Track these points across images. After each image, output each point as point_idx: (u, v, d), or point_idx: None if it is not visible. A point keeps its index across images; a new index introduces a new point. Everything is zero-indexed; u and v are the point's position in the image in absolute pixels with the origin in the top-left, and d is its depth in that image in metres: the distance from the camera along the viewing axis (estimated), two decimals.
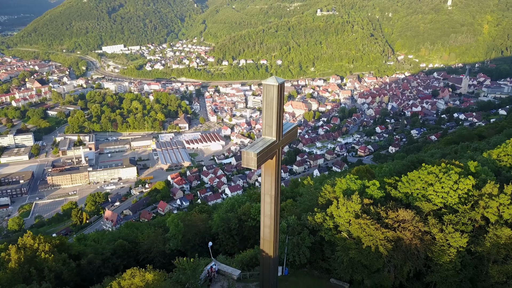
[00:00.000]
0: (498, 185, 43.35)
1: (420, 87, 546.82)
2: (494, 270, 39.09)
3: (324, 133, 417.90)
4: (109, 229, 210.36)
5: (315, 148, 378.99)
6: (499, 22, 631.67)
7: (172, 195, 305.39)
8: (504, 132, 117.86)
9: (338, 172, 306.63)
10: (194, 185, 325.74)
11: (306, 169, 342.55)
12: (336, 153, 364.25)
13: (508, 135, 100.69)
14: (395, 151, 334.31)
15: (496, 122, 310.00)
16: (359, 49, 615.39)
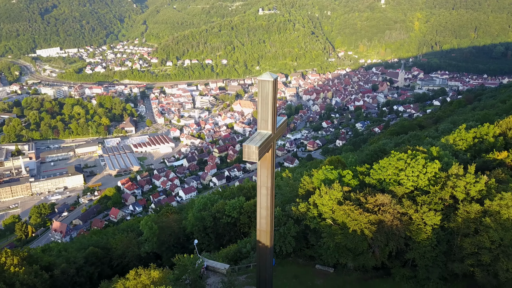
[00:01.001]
0: (462, 166, 47.82)
1: (361, 82, 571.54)
2: (466, 243, 43.22)
3: None
4: (58, 241, 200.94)
5: None
6: (427, 19, 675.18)
7: (124, 201, 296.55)
8: (450, 119, 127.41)
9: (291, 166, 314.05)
10: (146, 189, 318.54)
11: None
12: (287, 149, 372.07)
13: (453, 122, 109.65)
14: (342, 144, 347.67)
15: (432, 113, 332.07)
16: (302, 47, 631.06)
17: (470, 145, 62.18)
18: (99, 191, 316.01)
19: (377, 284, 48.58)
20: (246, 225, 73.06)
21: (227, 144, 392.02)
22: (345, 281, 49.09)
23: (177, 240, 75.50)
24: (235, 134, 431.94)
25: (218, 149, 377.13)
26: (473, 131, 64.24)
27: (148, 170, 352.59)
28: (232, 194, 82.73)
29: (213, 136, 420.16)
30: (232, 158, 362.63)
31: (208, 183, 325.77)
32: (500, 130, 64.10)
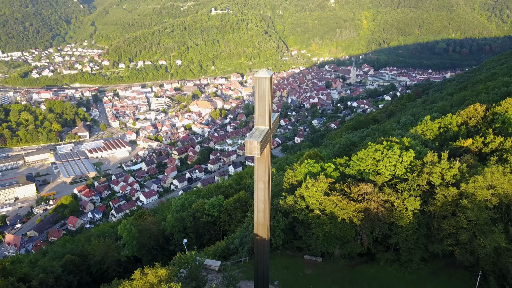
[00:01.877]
0: (436, 154, 51.29)
1: (315, 79, 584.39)
2: (445, 224, 46.53)
3: (233, 130, 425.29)
4: (13, 254, 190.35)
5: (226, 145, 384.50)
6: (375, 17, 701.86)
7: (82, 208, 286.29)
8: (410, 112, 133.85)
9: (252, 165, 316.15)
10: (104, 195, 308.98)
11: (221, 166, 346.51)
12: None
13: (413, 114, 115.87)
14: (301, 141, 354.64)
15: (385, 107, 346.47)
16: (256, 46, 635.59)
17: (437, 134, 66.47)
18: (54, 200, 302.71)
19: (363, 270, 51.05)
20: (226, 223, 73.78)
21: (186, 145, 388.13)
22: (334, 269, 51.18)
23: (157, 242, 74.82)
24: (193, 135, 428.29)
25: (177, 151, 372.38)
26: (437, 122, 68.68)
27: (105, 176, 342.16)
28: (209, 193, 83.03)
29: (171, 138, 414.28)
30: (192, 160, 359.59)
31: (169, 186, 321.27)
32: (461, 119, 68.96)
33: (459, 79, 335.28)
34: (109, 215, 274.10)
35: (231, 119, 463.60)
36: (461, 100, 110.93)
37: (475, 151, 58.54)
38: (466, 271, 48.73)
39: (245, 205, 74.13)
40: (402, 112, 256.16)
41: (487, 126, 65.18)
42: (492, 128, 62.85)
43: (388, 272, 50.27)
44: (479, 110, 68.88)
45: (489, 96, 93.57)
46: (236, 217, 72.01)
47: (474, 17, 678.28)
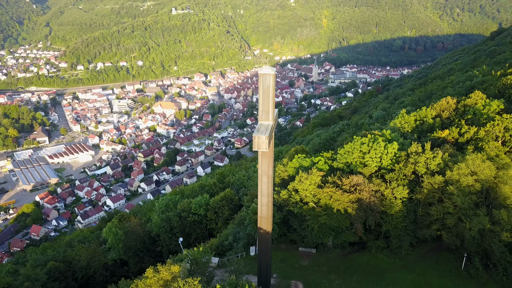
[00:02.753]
0: (420, 144, 54.11)
1: (278, 78, 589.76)
2: (433, 210, 49.31)
3: (199, 130, 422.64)
4: None
5: (193, 145, 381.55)
6: (334, 16, 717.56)
7: (45, 216, 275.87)
8: (380, 107, 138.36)
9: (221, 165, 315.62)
10: (68, 202, 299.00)
11: (189, 167, 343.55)
12: (215, 148, 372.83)
13: (384, 109, 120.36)
14: None
15: (348, 104, 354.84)
16: (218, 46, 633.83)
17: (413, 127, 69.79)
18: (15, 209, 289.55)
19: (356, 258, 53.14)
20: (213, 221, 74.15)
21: (152, 147, 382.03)
22: (328, 259, 52.95)
23: (143, 244, 74.07)
24: (158, 136, 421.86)
25: (143, 153, 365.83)
26: (413, 115, 72.09)
27: (68, 181, 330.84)
28: (194, 192, 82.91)
29: (136, 141, 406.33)
30: (159, 162, 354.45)
31: (137, 189, 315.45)
32: (435, 112, 72.74)
33: (417, 75, 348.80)
34: (75, 221, 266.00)
35: (196, 120, 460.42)
36: (428, 94, 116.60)
37: (452, 141, 62.10)
38: (451, 254, 51.84)
39: (231, 202, 74.80)
40: (366, 108, 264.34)
41: (459, 118, 69.17)
42: (464, 119, 66.81)
43: (379, 259, 52.63)
44: (451, 103, 73.00)
45: (455, 90, 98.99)
46: (223, 215, 72.53)
47: (427, 15, 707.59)
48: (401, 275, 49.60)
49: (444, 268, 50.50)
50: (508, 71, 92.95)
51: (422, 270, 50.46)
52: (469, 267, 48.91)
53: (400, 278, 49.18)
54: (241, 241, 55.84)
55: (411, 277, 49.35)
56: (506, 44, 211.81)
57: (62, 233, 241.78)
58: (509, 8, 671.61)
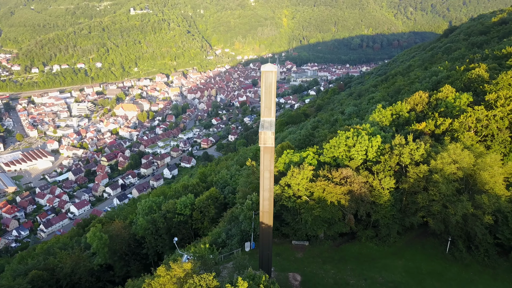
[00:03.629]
0: (403, 137, 56.82)
1: (241, 78, 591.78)
2: (419, 198, 52.03)
3: (163, 131, 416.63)
4: None
5: (158, 148, 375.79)
6: (294, 15, 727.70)
7: (5, 227, 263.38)
8: (352, 103, 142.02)
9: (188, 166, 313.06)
10: (29, 210, 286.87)
11: (155, 170, 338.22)
12: (181, 149, 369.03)
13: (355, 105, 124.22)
14: (235, 138, 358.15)
15: (312, 102, 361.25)
16: (179, 46, 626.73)
17: (390, 120, 72.88)
18: None
19: (348, 248, 55.14)
20: (199, 221, 74.19)
21: (115, 151, 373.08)
22: (321, 250, 54.61)
23: (128, 247, 72.97)
24: (121, 139, 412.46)
25: (106, 157, 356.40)
26: (389, 109, 75.23)
27: (28, 189, 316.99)
28: (177, 193, 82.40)
29: (98, 145, 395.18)
30: (123, 165, 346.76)
31: (102, 194, 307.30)
32: (410, 106, 76.25)
33: (377, 72, 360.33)
34: (37, 231, 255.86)
35: (159, 121, 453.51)
36: (396, 89, 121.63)
37: (429, 133, 65.51)
38: (435, 239, 54.89)
39: (216, 201, 75.12)
40: (331, 105, 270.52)
41: (432, 111, 72.98)
42: (437, 112, 70.57)
43: (369, 247, 54.87)
44: (423, 97, 76.78)
45: (422, 85, 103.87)
46: (209, 214, 72.74)
47: (382, 14, 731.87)
48: (391, 261, 52.03)
49: (430, 253, 53.43)
50: (470, 66, 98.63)
51: (410, 255, 53.14)
52: (453, 250, 52.02)
53: (391, 264, 51.58)
54: (234, 238, 56.44)
55: (401, 262, 51.87)
56: (460, 41, 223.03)
57: (24, 244, 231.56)
58: (457, 7, 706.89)
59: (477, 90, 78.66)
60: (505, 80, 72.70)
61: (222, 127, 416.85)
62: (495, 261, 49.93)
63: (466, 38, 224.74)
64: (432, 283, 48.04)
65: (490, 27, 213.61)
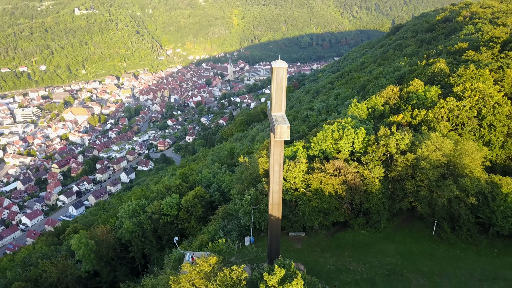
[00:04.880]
0: (388, 128, 60.08)
1: (194, 78, 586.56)
2: (407, 184, 55.42)
3: (117, 135, 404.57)
4: None
5: (113, 152, 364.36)
6: (244, 15, 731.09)
7: None
8: (320, 99, 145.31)
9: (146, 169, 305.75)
10: None
11: (111, 174, 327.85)
12: (137, 152, 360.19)
13: (323, 101, 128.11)
14: (193, 139, 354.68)
15: (268, 100, 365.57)
16: (129, 47, 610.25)
17: (367, 114, 76.44)
18: None
19: (342, 236, 57.61)
20: (185, 220, 73.92)
21: (67, 157, 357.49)
22: (318, 240, 56.67)
23: (115, 252, 71.34)
24: (72, 145, 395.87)
25: (57, 164, 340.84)
26: (364, 103, 78.83)
27: None
28: (160, 194, 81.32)
29: (47, 151, 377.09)
30: (77, 171, 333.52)
31: (55, 203, 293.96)
32: (383, 100, 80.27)
33: (329, 69, 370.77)
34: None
35: (112, 124, 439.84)
36: (362, 85, 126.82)
37: (405, 124, 69.54)
38: (421, 222, 58.67)
39: (202, 200, 75.17)
40: (289, 103, 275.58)
41: (404, 103, 77.43)
42: (410, 104, 75.04)
43: (362, 234, 57.64)
44: (395, 90, 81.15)
45: (387, 80, 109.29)
46: (196, 213, 72.69)
47: (330, 13, 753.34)
48: (385, 246, 55.05)
49: (418, 235, 57.08)
50: (430, 61, 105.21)
51: (400, 239, 56.47)
52: (439, 231, 55.92)
53: (384, 248, 54.57)
54: (233, 233, 57.03)
55: (393, 246, 55.02)
56: (409, 38, 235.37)
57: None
58: (399, 6, 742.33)
59: (442, 83, 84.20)
60: (467, 73, 78.53)
61: (178, 128, 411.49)
62: (477, 239, 54.31)
63: (414, 35, 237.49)
64: (424, 263, 51.48)
65: (435, 25, 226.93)
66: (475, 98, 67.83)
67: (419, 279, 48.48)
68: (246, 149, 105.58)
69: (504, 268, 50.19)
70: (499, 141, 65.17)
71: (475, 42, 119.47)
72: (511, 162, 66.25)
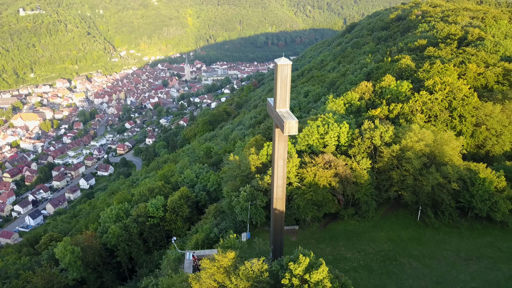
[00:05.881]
0: (371, 122, 62.82)
1: (150, 79, 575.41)
2: (394, 174, 58.33)
3: (72, 140, 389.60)
4: None
5: (69, 157, 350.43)
6: (198, 14, 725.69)
7: None
8: (292, 96, 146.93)
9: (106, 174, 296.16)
10: None
11: (69, 181, 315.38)
12: (96, 157, 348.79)
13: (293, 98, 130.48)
14: (153, 141, 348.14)
15: (229, 100, 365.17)
16: (80, 48, 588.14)
17: (344, 109, 79.27)
18: None
19: (334, 227, 59.69)
20: (172, 221, 73.42)
21: (19, 165, 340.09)
22: (312, 232, 58.39)
23: (101, 258, 69.58)
24: (24, 152, 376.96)
25: (9, 173, 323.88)
26: (341, 99, 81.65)
27: None
28: (143, 197, 79.96)
29: None
30: (31, 180, 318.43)
31: (10, 214, 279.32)
32: (358, 95, 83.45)
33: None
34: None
35: (66, 129, 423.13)
36: (331, 82, 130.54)
37: (383, 118, 72.81)
38: (405, 209, 61.89)
39: (188, 200, 74.91)
40: (252, 102, 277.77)
41: (379, 98, 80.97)
42: (384, 99, 78.59)
43: (352, 224, 59.97)
44: (369, 86, 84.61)
45: (355, 76, 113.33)
46: (183, 213, 72.37)
47: (284, 12, 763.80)
48: (375, 234, 57.64)
49: (404, 222, 60.19)
50: (395, 58, 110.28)
51: (389, 226, 59.32)
52: (424, 217, 59.28)
53: (375, 236, 57.15)
54: (229, 230, 57.46)
55: (383, 233, 57.72)
56: (365, 36, 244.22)
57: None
58: (350, 5, 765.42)
59: (410, 78, 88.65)
60: (435, 68, 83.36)
61: (137, 130, 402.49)
62: (458, 222, 58.16)
63: (370, 33, 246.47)
64: (414, 247, 54.52)
65: (389, 23, 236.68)
66: (445, 91, 72.21)
67: (411, 262, 51.33)
68: (224, 149, 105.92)
69: (485, 247, 54.18)
70: (469, 130, 69.88)
71: (433, 39, 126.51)
72: (479, 150, 71.20)
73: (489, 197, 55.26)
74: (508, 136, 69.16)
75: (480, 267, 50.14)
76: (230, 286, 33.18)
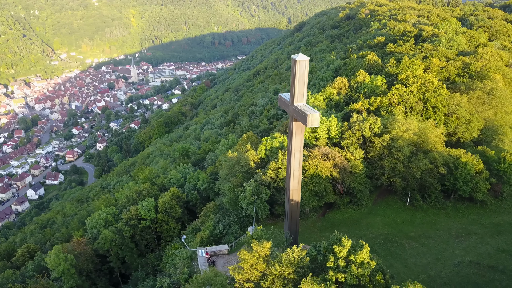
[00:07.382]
0: (359, 114, 66.19)
1: (95, 82, 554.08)
2: (385, 162, 61.93)
3: (14, 149, 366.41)
4: None
5: (13, 167, 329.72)
6: (142, 15, 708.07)
7: None
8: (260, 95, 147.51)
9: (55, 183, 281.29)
10: None
11: (15, 193, 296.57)
12: (43, 166, 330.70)
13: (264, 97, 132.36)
14: (105, 146, 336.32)
15: (183, 100, 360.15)
16: (16, 51, 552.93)
17: (325, 104, 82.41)
18: None
19: (332, 215, 62.41)
20: (164, 222, 72.74)
21: None
22: (313, 221, 60.71)
23: (94, 264, 67.42)
24: None
25: None
26: (320, 94, 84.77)
27: None
28: (131, 200, 78.04)
29: None
30: None
31: None
32: (336, 90, 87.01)
33: (239, 67, 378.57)
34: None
35: (6, 138, 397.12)
36: None
37: (364, 110, 76.66)
38: (395, 195, 65.94)
39: (179, 200, 74.47)
40: (208, 102, 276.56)
41: (355, 92, 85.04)
42: (361, 93, 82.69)
43: (348, 212, 62.99)
44: (344, 82, 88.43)
45: (324, 73, 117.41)
46: (175, 213, 71.89)
47: (229, 12, 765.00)
48: (371, 220, 61.04)
49: (395, 207, 64.18)
50: (360, 54, 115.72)
51: (382, 212, 63.01)
52: (413, 201, 63.58)
53: (372, 221, 60.54)
54: (234, 225, 58.08)
55: (378, 219, 61.26)
56: (317, 35, 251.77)
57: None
58: (293, 5, 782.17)
59: (379, 73, 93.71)
60: (403, 63, 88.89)
61: (85, 136, 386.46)
62: (444, 204, 63.01)
63: (321, 32, 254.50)
64: (409, 229, 58.49)
65: (339, 22, 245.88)
66: (418, 84, 77.46)
67: (410, 243, 55.12)
68: (204, 148, 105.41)
69: (471, 224, 59.30)
70: (442, 119, 75.54)
71: (390, 37, 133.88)
72: (451, 138, 77.16)
73: (471, 179, 60.50)
74: (475, 123, 75.54)
75: (470, 243, 54.92)
76: (275, 273, 34.38)
